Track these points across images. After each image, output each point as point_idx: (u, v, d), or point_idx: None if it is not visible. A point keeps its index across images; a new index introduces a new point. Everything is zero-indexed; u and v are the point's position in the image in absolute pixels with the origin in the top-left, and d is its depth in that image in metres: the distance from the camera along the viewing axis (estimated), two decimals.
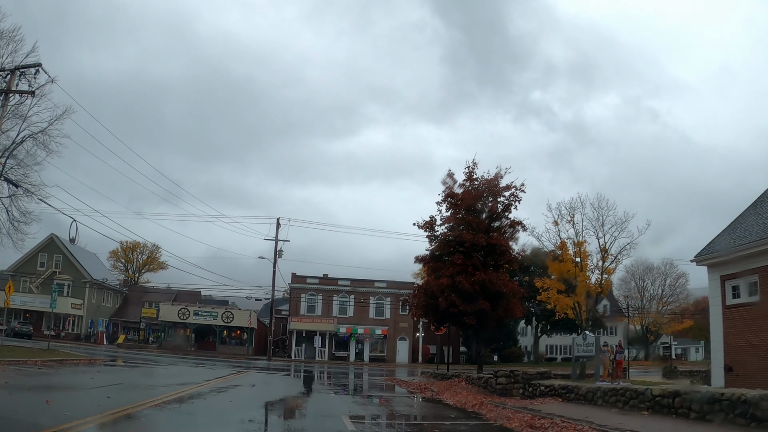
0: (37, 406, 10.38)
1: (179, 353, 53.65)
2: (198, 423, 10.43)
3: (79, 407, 10.49)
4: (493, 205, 25.52)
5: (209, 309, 58.84)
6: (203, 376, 23.26)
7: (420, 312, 27.43)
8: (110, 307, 73.28)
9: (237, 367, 34.89)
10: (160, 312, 59.00)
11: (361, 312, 62.49)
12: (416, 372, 44.79)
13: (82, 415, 9.28)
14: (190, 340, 58.87)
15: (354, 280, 63.53)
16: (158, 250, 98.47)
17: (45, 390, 13.33)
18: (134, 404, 11.26)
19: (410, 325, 63.82)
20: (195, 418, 11.04)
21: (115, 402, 11.31)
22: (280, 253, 56.25)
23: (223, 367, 32.10)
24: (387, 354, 62.26)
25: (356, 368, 48.63)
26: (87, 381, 16.66)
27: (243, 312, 58.49)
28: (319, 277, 63.32)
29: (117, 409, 10.31)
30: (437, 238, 26.45)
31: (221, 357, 53.76)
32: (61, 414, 9.21)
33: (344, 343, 62.03)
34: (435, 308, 25.39)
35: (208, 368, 30.88)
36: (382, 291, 63.29)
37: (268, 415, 12.88)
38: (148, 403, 11.70)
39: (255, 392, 17.11)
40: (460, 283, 23.98)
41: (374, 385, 24.20)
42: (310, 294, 62.18)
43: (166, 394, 13.77)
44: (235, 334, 60.95)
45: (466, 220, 25.12)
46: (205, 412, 12.01)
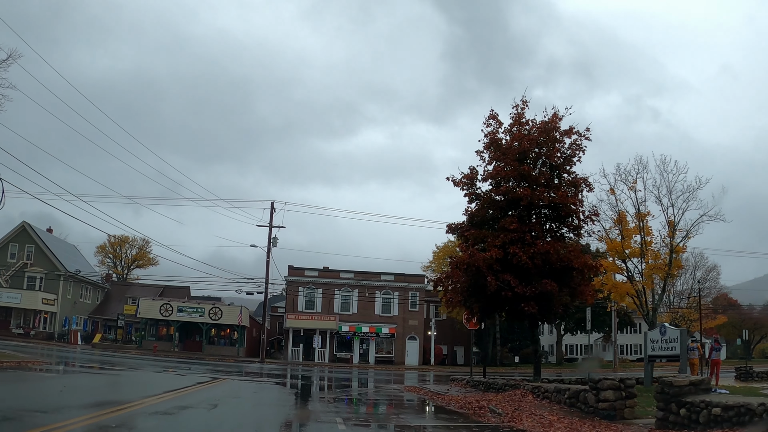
0: None
1: (161, 354, 47.13)
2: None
3: None
4: (550, 154, 18.78)
5: (195, 305, 52.26)
6: (162, 386, 16.79)
7: (458, 298, 20.51)
8: (89, 303, 66.66)
9: (218, 371, 28.32)
10: (139, 308, 52.42)
11: (366, 308, 55.87)
12: (430, 376, 38.15)
13: None
14: (173, 340, 52.26)
15: (358, 272, 56.91)
16: (148, 246, 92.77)
17: None
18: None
19: (420, 322, 57.18)
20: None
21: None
22: (275, 241, 49.68)
23: (199, 373, 25.55)
24: (395, 355, 55.62)
25: (362, 371, 41.98)
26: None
27: (233, 308, 51.88)
28: (318, 270, 56.72)
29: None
30: (479, 198, 19.75)
31: (207, 359, 47.15)
32: None
33: (347, 343, 55.41)
34: (480, 292, 18.65)
35: (178, 374, 24.35)
36: (389, 285, 56.66)
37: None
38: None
39: (212, 420, 10.54)
40: (516, 255, 17.34)
41: (398, 401, 17.66)
42: (309, 288, 55.56)
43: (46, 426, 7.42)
44: (225, 333, 54.37)
45: (521, 173, 18.38)
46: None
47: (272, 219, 50.12)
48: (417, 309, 57.15)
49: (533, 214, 18.48)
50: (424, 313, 58.35)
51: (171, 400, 13.06)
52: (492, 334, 62.80)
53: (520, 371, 47.95)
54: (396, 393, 20.37)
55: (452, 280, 19.91)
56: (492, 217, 18.95)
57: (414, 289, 57.12)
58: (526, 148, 18.30)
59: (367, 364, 52.90)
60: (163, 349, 51.51)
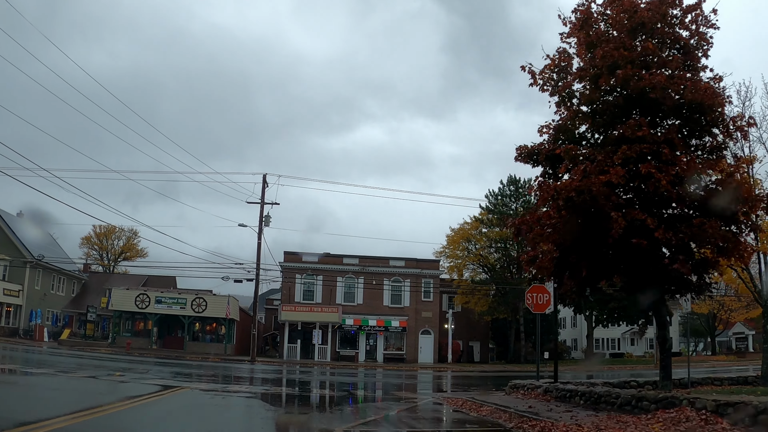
0: None
1: (134, 353, 40.15)
2: None
3: None
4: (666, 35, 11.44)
5: (175, 295, 45.17)
6: (48, 407, 9.78)
7: (550, 257, 12.47)
8: (63, 296, 59.62)
9: (185, 376, 21.33)
10: (111, 299, 45.40)
11: (373, 298, 48.83)
12: (459, 377, 31.11)
13: None
14: (151, 336, 45.25)
15: (363, 257, 49.84)
16: (136, 236, 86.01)
17: None
18: None
19: (435, 314, 50.09)
20: None
21: None
22: (267, 219, 42.65)
23: (156, 378, 18.57)
24: (406, 351, 48.57)
25: (370, 372, 34.91)
26: None
27: (219, 299, 44.79)
28: (318, 255, 49.63)
29: None
30: (575, 98, 12.25)
31: (189, 357, 40.18)
32: None
33: (351, 339, 48.38)
34: (592, 241, 11.21)
35: (120, 381, 17.42)
36: (400, 271, 49.58)
37: None
38: None
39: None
40: (651, 179, 9.86)
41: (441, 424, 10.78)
42: (308, 276, 48.50)
43: None
44: (211, 327, 47.38)
45: (641, 54, 10.84)
46: None
47: (264, 194, 43.11)
48: (431, 299, 50.09)
49: (662, 119, 11.24)
50: (438, 303, 51.30)
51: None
52: (514, 326, 55.77)
53: (549, 369, 40.38)
54: (446, 414, 13.31)
55: (546, 224, 12.44)
56: (603, 123, 11.73)
57: (428, 276, 50.07)
58: (643, 20, 11.02)
59: (374, 363, 45.91)
60: (140, 346, 44.53)
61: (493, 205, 55.37)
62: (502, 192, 55.91)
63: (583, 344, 74.55)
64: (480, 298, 54.10)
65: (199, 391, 15.77)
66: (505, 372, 37.50)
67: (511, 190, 55.95)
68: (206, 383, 18.40)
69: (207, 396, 14.42)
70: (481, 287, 54.94)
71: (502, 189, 56.14)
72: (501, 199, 55.80)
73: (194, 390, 15.82)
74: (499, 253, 54.89)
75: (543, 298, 17.91)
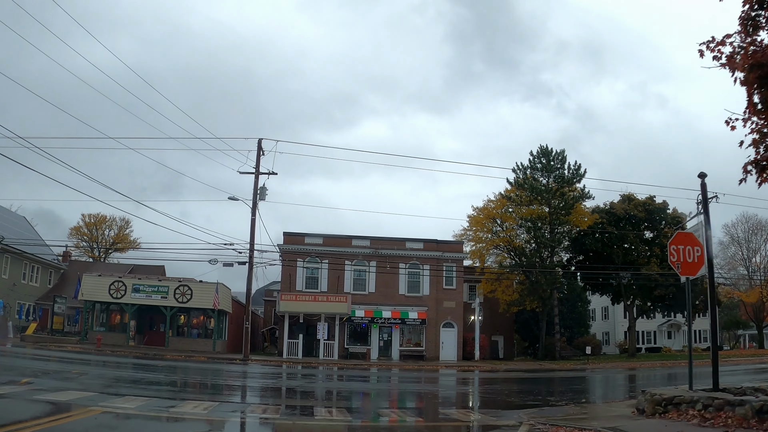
0: None
1: (105, 350, 33.55)
2: None
3: None
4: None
5: (155, 283, 38.38)
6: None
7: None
8: (37, 286, 53.04)
9: (129, 387, 14.66)
10: (81, 287, 38.67)
11: (387, 286, 42.02)
12: (487, 379, 24.32)
13: None
14: (127, 330, 38.56)
15: (376, 238, 43.00)
16: (128, 226, 79.73)
17: None
18: None
19: (459, 304, 43.23)
20: None
21: None
22: (263, 192, 35.87)
23: (78, 387, 11.98)
24: (426, 347, 41.74)
25: (387, 374, 28.10)
26: None
27: (206, 287, 37.98)
28: (323, 236, 42.82)
29: None
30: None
31: (169, 356, 33.49)
32: None
33: (362, 333, 41.60)
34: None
35: (21, 390, 10.71)
36: (418, 254, 42.71)
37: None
38: None
39: None
40: None
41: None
42: (311, 260, 41.68)
43: None
44: (198, 320, 40.65)
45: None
46: None
47: (259, 162, 36.32)
48: (454, 287, 43.21)
49: None
50: (463, 292, 44.43)
51: None
52: (548, 317, 48.87)
53: (599, 366, 33.26)
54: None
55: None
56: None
57: (450, 260, 43.17)
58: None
59: (389, 361, 39.15)
60: (115, 342, 37.88)
61: (523, 180, 48.44)
62: (532, 164, 48.94)
63: (616, 338, 67.59)
64: (508, 286, 47.26)
65: (114, 416, 8.98)
66: (549, 372, 30.59)
67: (543, 162, 48.99)
68: (150, 399, 11.59)
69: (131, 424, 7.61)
70: (509, 274, 48.08)
71: (533, 161, 49.19)
72: (531, 173, 48.85)
73: (108, 414, 9.04)
74: (530, 234, 47.96)
75: (693, 254, 11.01)
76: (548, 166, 48.76)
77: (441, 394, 17.04)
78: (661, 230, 49.31)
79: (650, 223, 49.31)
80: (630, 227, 48.78)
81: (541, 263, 48.35)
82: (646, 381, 22.96)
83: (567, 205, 46.89)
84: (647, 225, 49.19)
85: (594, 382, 23.27)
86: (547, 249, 49.00)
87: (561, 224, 47.27)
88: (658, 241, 48.94)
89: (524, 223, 47.30)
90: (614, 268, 47.32)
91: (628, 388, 18.80)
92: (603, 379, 24.61)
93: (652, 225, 49.30)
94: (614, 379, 24.61)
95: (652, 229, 49.24)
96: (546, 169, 48.71)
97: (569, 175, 48.41)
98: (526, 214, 47.18)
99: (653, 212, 49.55)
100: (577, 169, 48.75)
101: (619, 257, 48.62)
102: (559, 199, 47.10)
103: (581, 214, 47.85)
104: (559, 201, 47.22)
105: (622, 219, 49.15)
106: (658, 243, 48.87)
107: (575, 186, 48.65)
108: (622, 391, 18.26)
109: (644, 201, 49.74)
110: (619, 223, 48.84)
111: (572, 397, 15.17)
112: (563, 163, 49.04)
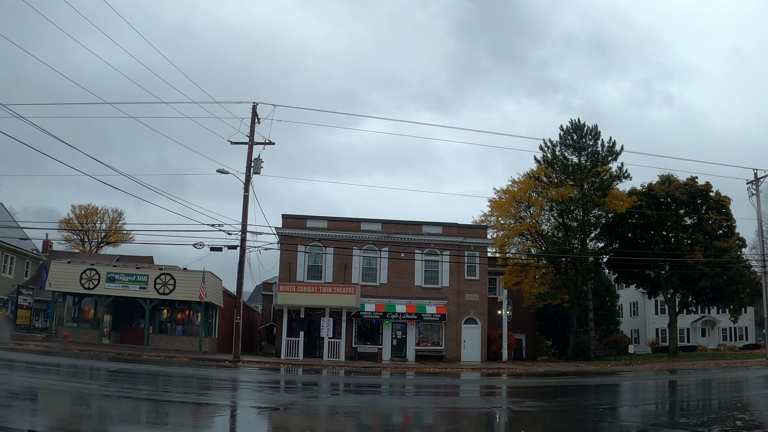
0: None
1: (72, 349, 28.40)
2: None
3: None
4: None
5: (132, 271, 33.04)
6: None
7: None
8: (12, 278, 47.93)
9: (28, 410, 9.10)
10: (48, 276, 33.36)
11: (401, 276, 36.65)
12: (557, 391, 19.05)
13: None
14: (101, 326, 33.26)
15: (388, 222, 37.59)
16: (121, 218, 74.81)
17: None
18: None
19: (483, 297, 37.86)
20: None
21: None
22: (258, 164, 30.57)
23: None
24: (446, 347, 36.35)
25: (399, 380, 22.72)
26: None
27: (191, 275, 32.58)
28: (328, 219, 37.45)
29: None
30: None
31: (146, 356, 28.29)
32: None
33: (372, 330, 36.24)
34: None
35: None
36: (436, 240, 37.27)
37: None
38: None
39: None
40: None
41: None
42: (314, 246, 36.29)
43: None
44: (183, 315, 35.30)
45: None
46: None
47: (254, 130, 31.02)
48: (477, 277, 37.78)
49: None
50: (486, 283, 39.00)
51: None
52: (576, 313, 43.50)
53: (646, 367, 25.93)
54: None
55: None
56: None
57: (473, 247, 37.73)
58: None
59: (403, 362, 33.83)
60: (87, 340, 32.64)
61: (552, 158, 42.98)
62: (563, 141, 43.44)
63: (647, 335, 62.13)
64: (537, 277, 41.88)
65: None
66: (602, 375, 25.02)
67: (573, 139, 43.48)
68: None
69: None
70: (537, 263, 42.70)
71: (563, 137, 43.68)
72: (561, 150, 43.37)
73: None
74: (561, 218, 42.52)
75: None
76: (579, 144, 43.30)
77: (505, 418, 11.59)
78: (702, 215, 43.87)
79: (691, 207, 43.83)
80: (670, 211, 43.32)
81: (571, 252, 42.97)
82: (752, 386, 17.51)
83: (603, 185, 41.42)
84: (688, 209, 43.70)
85: (697, 391, 17.79)
86: (578, 236, 43.55)
87: (596, 207, 41.79)
88: (701, 226, 43.57)
89: (556, 206, 41.82)
90: (653, 256, 41.87)
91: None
92: (700, 387, 19.08)
93: (693, 209, 43.83)
94: (717, 386, 19.04)
95: (693, 214, 43.75)
96: (577, 146, 43.24)
97: (604, 153, 42.91)
98: (555, 196, 41.74)
99: (695, 195, 44.10)
100: (611, 147, 43.25)
101: (658, 245, 43.20)
102: (594, 178, 41.63)
103: (617, 197, 42.41)
104: (593, 181, 41.75)
105: (662, 202, 43.69)
106: (701, 228, 43.50)
107: (608, 166, 43.22)
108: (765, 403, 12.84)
109: (685, 182, 44.30)
110: (659, 206, 43.37)
111: (723, 419, 9.64)
112: (596, 139, 43.56)
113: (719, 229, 44.03)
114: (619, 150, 43.09)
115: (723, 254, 42.28)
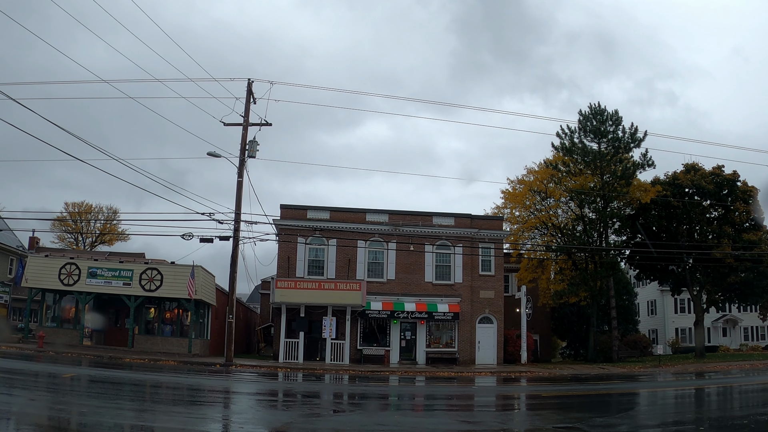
0: None
1: (48, 351, 25.49)
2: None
3: None
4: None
5: (116, 265, 30.06)
6: None
7: None
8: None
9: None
10: (25, 271, 30.43)
11: (410, 271, 33.66)
12: (609, 402, 16.07)
13: None
14: (81, 325, 30.31)
15: (396, 212, 34.63)
16: (116, 216, 71.91)
17: None
18: None
19: (499, 294, 34.90)
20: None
21: None
22: (253, 146, 27.69)
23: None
24: (459, 349, 33.37)
25: (418, 390, 19.78)
26: None
27: (180, 270, 29.58)
28: (330, 209, 34.47)
29: None
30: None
31: (130, 359, 25.42)
32: None
33: (380, 330, 33.23)
34: None
35: None
36: (448, 233, 34.28)
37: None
38: None
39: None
40: None
41: None
42: (315, 239, 33.31)
43: None
44: (171, 314, 32.31)
45: None
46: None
47: (249, 110, 28.16)
48: (492, 272, 34.79)
49: None
50: (502, 279, 36.01)
51: None
52: (596, 313, 40.53)
53: (675, 369, 22.80)
54: None
55: None
56: None
57: (487, 239, 34.76)
58: None
59: (413, 366, 30.87)
60: (67, 341, 29.68)
61: (570, 145, 40.00)
62: (583, 126, 40.44)
63: (666, 335, 58.98)
64: (556, 273, 38.90)
65: None
66: (631, 381, 21.97)
67: (592, 125, 40.48)
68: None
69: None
70: (557, 258, 39.71)
71: (583, 123, 40.67)
72: (581, 136, 40.38)
73: None
74: (581, 209, 39.53)
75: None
76: (600, 130, 40.30)
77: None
78: (729, 206, 40.87)
79: (717, 198, 40.83)
80: (695, 201, 40.32)
81: (590, 247, 39.98)
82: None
83: (626, 173, 38.42)
84: (714, 200, 40.68)
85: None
86: (598, 228, 40.56)
87: (618, 197, 38.80)
88: (728, 217, 40.60)
89: (574, 196, 38.80)
90: (679, 250, 38.87)
91: None
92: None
93: (719, 199, 40.83)
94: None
95: (720, 204, 40.74)
96: (596, 132, 40.24)
97: (626, 139, 39.92)
98: (575, 186, 38.75)
99: (721, 185, 41.09)
100: (633, 133, 40.26)
101: (683, 238, 40.21)
102: (616, 165, 38.64)
103: (640, 186, 39.43)
104: (614, 169, 38.77)
105: (687, 192, 40.69)
106: (728, 220, 40.52)
107: (630, 153, 40.27)
108: None
109: (711, 171, 41.27)
110: (684, 197, 40.37)
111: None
112: (617, 125, 40.56)
113: (746, 221, 41.10)
114: (642, 136, 40.12)
115: (753, 247, 39.31)
